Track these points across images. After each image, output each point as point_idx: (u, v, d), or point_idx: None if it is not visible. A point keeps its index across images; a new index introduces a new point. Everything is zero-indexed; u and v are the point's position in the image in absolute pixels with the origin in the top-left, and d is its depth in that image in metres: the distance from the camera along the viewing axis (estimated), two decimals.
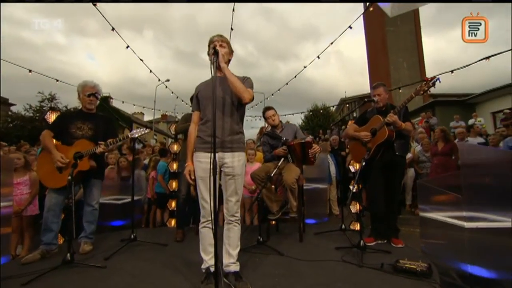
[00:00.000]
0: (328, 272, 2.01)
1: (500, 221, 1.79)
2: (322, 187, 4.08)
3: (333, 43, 5.02)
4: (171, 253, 2.53)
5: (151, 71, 6.00)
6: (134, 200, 3.99)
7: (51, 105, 13.91)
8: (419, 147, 5.13)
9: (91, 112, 2.69)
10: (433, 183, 2.26)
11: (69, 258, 2.11)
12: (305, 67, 6.02)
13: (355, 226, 3.39)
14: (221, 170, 1.83)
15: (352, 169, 3.66)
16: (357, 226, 3.40)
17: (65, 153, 2.41)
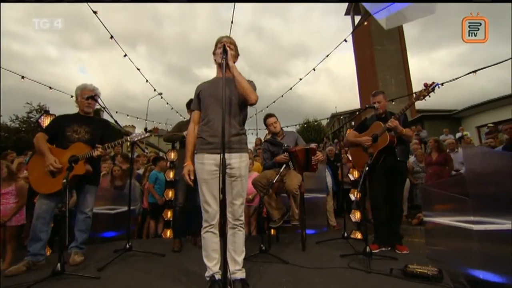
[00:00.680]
0: (337, 279, 1.93)
1: (505, 224, 1.79)
2: (320, 196, 4.03)
3: (328, 55, 5.20)
4: (169, 263, 2.40)
5: (147, 80, 5.99)
6: (127, 211, 3.87)
7: (40, 116, 13.50)
8: (413, 158, 5.21)
9: (88, 116, 2.62)
10: (437, 188, 2.27)
11: (59, 269, 1.95)
12: (301, 79, 6.17)
13: (355, 235, 3.34)
14: (225, 172, 1.77)
15: (351, 177, 3.66)
16: (358, 234, 3.36)
17: (60, 156, 2.30)
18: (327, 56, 5.25)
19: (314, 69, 5.57)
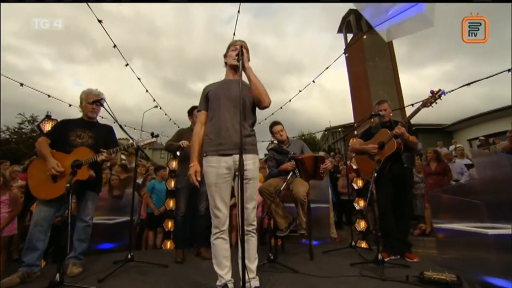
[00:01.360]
0: (352, 287, 1.87)
1: None
2: (324, 206, 3.99)
3: (328, 67, 5.32)
4: (173, 274, 2.28)
5: (147, 90, 5.98)
6: (125, 222, 3.72)
7: (33, 127, 13.25)
8: None
9: (92, 121, 2.56)
10: (447, 193, 2.26)
11: (58, 279, 1.83)
12: (300, 91, 6.25)
13: (361, 244, 3.28)
14: (235, 175, 1.72)
15: (355, 186, 3.65)
16: (364, 244, 3.30)
17: (62, 161, 2.22)
18: (327, 68, 5.39)
19: (313, 81, 5.68)
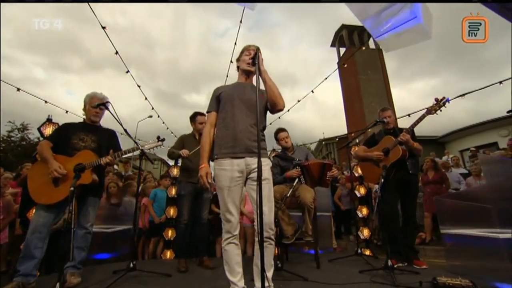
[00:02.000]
0: None
1: None
2: (326, 215, 3.96)
3: (327, 78, 5.42)
4: (178, 284, 2.20)
5: (146, 98, 5.93)
6: (123, 230, 3.60)
7: (22, 135, 12.93)
8: None
9: (95, 125, 2.51)
10: (454, 198, 2.27)
11: None
12: (299, 101, 6.29)
13: (365, 252, 3.25)
14: (247, 178, 1.69)
15: (357, 194, 3.65)
16: (368, 251, 3.27)
17: (65, 164, 2.15)
18: (325, 78, 5.49)
19: (312, 91, 5.76)
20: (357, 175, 3.68)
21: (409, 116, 5.90)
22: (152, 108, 6.28)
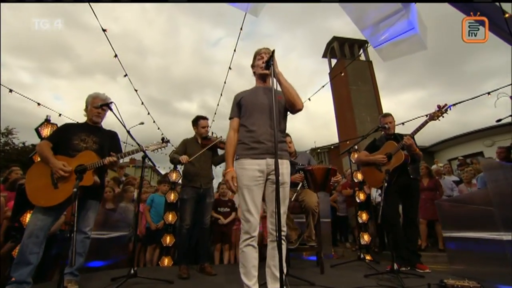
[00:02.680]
0: None
1: None
2: (326, 221, 3.95)
3: (324, 86, 5.54)
4: None
5: (143, 103, 5.86)
6: (118, 237, 3.47)
7: (6, 140, 12.46)
8: None
9: (96, 126, 2.45)
10: (456, 202, 2.32)
11: None
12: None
13: (365, 257, 3.24)
14: (267, 179, 1.69)
15: (357, 199, 3.67)
16: (368, 257, 3.27)
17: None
18: (323, 86, 5.61)
19: (309, 99, 5.84)
20: (356, 181, 3.72)
21: (403, 124, 6.08)
22: (148, 113, 6.20)
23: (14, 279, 1.90)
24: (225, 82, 5.67)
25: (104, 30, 3.72)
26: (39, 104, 4.60)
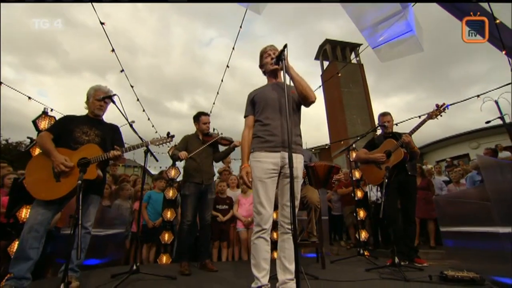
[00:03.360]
0: None
1: None
2: (324, 218, 3.99)
3: (319, 88, 5.61)
4: (187, 286, 2.09)
5: (138, 99, 5.75)
6: (114, 235, 3.39)
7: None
8: None
9: (98, 119, 2.40)
10: (453, 197, 2.40)
11: None
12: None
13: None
14: (280, 172, 1.70)
15: (355, 197, 3.74)
16: (366, 253, 3.33)
17: (68, 158, 2.03)
18: (319, 87, 5.66)
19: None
20: (354, 179, 3.78)
21: (396, 125, 6.21)
22: (143, 110, 6.10)
23: (12, 274, 1.83)
24: (222, 80, 5.65)
25: (102, 23, 3.65)
26: (30, 97, 4.44)
